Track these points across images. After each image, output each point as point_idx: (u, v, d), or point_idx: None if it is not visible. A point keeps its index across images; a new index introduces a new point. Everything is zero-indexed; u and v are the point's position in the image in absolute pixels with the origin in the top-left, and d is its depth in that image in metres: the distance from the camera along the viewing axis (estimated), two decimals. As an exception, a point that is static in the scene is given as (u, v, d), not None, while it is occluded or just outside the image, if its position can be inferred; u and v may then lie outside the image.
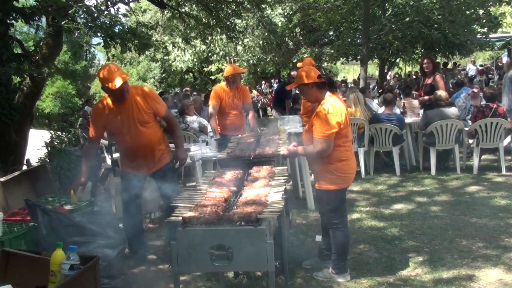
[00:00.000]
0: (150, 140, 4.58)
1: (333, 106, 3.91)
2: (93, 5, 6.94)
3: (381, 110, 8.77)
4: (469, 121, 7.96)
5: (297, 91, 11.14)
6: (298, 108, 9.28)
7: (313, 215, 6.04)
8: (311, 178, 5.74)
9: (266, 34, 18.91)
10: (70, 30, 6.30)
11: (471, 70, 24.28)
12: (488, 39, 18.61)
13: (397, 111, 8.62)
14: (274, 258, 2.91)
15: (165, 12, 12.73)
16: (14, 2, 6.13)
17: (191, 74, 31.47)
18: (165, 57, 26.12)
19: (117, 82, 4.19)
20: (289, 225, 5.34)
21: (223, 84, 6.68)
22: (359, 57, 17.51)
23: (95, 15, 6.43)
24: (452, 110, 7.81)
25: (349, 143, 4.09)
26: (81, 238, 3.73)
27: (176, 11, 10.62)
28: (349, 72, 41.39)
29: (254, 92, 21.34)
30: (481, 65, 26.95)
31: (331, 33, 20.41)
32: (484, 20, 18.40)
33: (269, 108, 20.18)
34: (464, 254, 4.64)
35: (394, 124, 7.95)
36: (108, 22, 6.57)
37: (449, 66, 22.39)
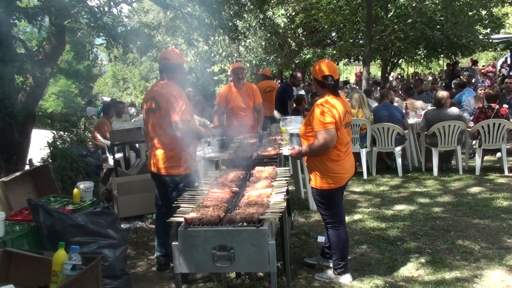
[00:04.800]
0: None
1: (330, 102, 4.00)
2: (96, 5, 6.94)
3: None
4: (471, 123, 7.95)
5: (299, 92, 11.16)
6: (306, 108, 9.27)
7: (315, 216, 6.04)
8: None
9: (269, 35, 18.89)
10: (73, 30, 6.31)
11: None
12: (490, 40, 18.58)
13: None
14: (276, 259, 2.91)
15: (168, 12, 12.73)
16: (17, 2, 6.15)
17: (193, 75, 31.50)
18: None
19: None
20: (291, 226, 5.34)
21: (231, 84, 6.64)
22: (361, 58, 17.49)
23: (98, 15, 6.44)
24: (452, 110, 7.81)
25: (342, 146, 4.09)
26: (83, 238, 3.73)
27: (179, 12, 10.62)
28: (351, 73, 41.39)
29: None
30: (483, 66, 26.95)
31: (333, 34, 20.39)
32: (487, 21, 18.37)
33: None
34: (466, 255, 4.64)
35: (395, 113, 8.09)
36: (110, 22, 6.58)
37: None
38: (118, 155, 8.53)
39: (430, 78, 23.95)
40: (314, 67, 4.22)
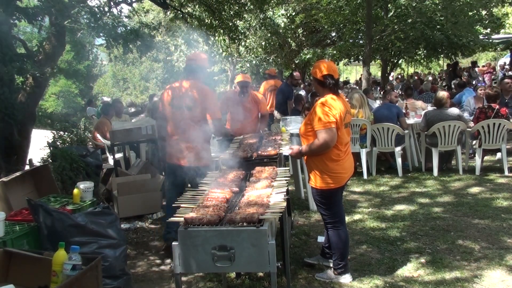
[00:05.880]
0: None
1: (330, 102, 4.00)
2: (96, 5, 6.93)
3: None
4: (471, 123, 7.95)
5: (299, 92, 11.16)
6: (307, 107, 9.26)
7: (315, 216, 6.04)
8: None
9: (269, 35, 18.89)
10: (73, 30, 6.30)
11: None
12: (491, 40, 18.57)
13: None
14: (276, 259, 2.91)
15: (168, 12, 12.73)
16: (18, 2, 6.14)
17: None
18: (167, 58, 26.10)
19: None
20: (291, 226, 5.34)
21: (236, 91, 6.61)
22: (361, 58, 17.49)
23: (98, 15, 6.44)
24: (452, 110, 7.81)
25: (342, 146, 4.10)
26: (83, 238, 3.73)
27: (179, 12, 10.63)
28: (351, 73, 41.41)
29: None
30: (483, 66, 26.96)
31: (333, 34, 20.39)
32: (487, 21, 18.37)
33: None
34: (466, 255, 4.64)
35: (391, 112, 8.10)
36: (110, 23, 6.57)
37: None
38: (118, 155, 8.52)
39: (430, 78, 23.96)
40: (313, 67, 4.23)
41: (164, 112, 4.91)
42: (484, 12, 18.08)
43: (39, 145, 7.13)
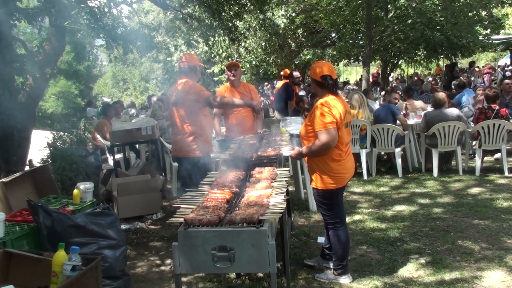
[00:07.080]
0: None
1: (330, 103, 4.00)
2: (95, 6, 6.94)
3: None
4: (472, 123, 7.96)
5: (300, 93, 11.17)
6: (307, 108, 9.26)
7: (315, 217, 6.04)
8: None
9: (269, 35, 18.91)
10: (73, 31, 6.31)
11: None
12: (490, 41, 18.59)
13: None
14: (276, 260, 2.90)
15: (168, 13, 12.74)
16: (17, 3, 6.14)
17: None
18: (167, 58, 26.13)
19: None
20: (291, 226, 5.34)
21: (227, 84, 6.62)
22: (361, 59, 17.50)
23: (98, 16, 6.44)
24: (452, 111, 7.81)
25: (343, 146, 4.10)
26: (83, 239, 3.73)
27: (179, 12, 10.64)
28: (351, 73, 41.43)
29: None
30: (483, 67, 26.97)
31: (333, 34, 20.41)
32: (487, 22, 18.39)
33: (271, 110, 20.22)
34: (466, 256, 4.63)
35: (387, 111, 8.07)
36: (110, 23, 6.58)
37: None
38: (118, 156, 8.53)
39: (430, 78, 23.98)
40: (312, 68, 4.23)
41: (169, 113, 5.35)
42: (484, 13, 18.10)
43: (39, 145, 7.13)
